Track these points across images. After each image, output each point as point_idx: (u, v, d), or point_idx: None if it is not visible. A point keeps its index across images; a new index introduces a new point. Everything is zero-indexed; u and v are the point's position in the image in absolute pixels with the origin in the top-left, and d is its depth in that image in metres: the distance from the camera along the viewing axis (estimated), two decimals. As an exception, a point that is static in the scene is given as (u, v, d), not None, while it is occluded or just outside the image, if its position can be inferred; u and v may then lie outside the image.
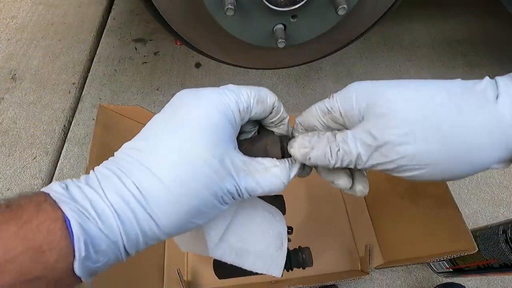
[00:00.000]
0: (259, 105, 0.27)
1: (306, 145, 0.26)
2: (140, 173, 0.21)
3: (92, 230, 0.19)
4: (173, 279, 0.61)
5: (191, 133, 0.22)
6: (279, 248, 0.33)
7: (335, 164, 0.25)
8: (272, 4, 0.47)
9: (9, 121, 0.87)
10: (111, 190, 0.20)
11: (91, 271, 0.20)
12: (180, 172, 0.21)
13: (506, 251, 0.47)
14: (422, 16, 1.15)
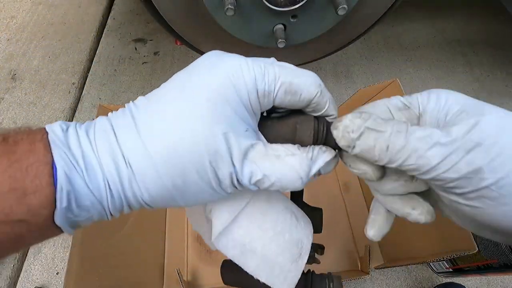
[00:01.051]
0: (287, 96, 0.21)
1: (354, 128, 0.20)
2: (130, 135, 0.19)
3: (78, 184, 0.18)
4: (173, 279, 0.61)
5: (192, 102, 0.20)
6: (295, 261, 0.26)
7: (390, 164, 0.19)
8: (272, 4, 0.47)
9: (9, 121, 0.87)
10: (104, 147, 0.19)
11: (73, 223, 0.19)
12: (168, 144, 0.19)
13: (506, 251, 0.47)
14: (422, 16, 1.15)
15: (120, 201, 0.20)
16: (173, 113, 0.20)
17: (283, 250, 0.26)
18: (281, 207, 0.27)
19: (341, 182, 0.75)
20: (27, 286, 0.64)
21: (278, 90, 0.21)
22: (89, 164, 0.18)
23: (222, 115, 0.19)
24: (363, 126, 0.20)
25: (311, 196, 0.73)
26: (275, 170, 0.21)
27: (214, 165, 0.20)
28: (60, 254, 0.67)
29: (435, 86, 1.01)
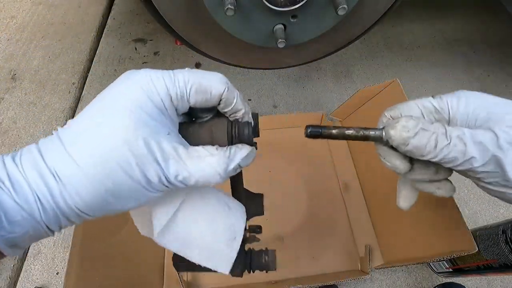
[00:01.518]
0: (198, 95, 0.24)
1: (410, 128, 0.24)
2: (56, 150, 0.21)
3: (5, 200, 0.19)
4: (173, 279, 0.61)
5: (111, 113, 0.21)
6: (230, 243, 0.30)
7: (432, 158, 0.24)
8: (272, 4, 0.47)
9: (9, 121, 0.87)
10: (29, 164, 0.20)
11: (8, 241, 0.19)
12: (93, 152, 0.20)
13: (506, 251, 0.47)
14: (422, 16, 1.16)
15: (54, 213, 0.20)
16: (94, 123, 0.21)
17: (218, 236, 0.30)
18: (214, 200, 0.31)
19: (341, 182, 0.75)
20: (27, 286, 0.64)
21: (190, 91, 0.23)
22: (15, 181, 0.19)
23: (140, 121, 0.21)
24: (418, 127, 0.24)
25: (312, 197, 0.74)
26: (197, 169, 0.23)
27: (141, 166, 0.21)
28: (60, 254, 0.67)
29: (435, 86, 1.02)
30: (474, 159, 0.23)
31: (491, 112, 0.25)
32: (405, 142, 0.24)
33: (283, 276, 0.63)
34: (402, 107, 0.28)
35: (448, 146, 0.23)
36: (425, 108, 0.27)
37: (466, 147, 0.23)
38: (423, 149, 0.24)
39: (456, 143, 0.23)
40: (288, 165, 0.77)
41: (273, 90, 0.96)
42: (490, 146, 0.23)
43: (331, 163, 0.78)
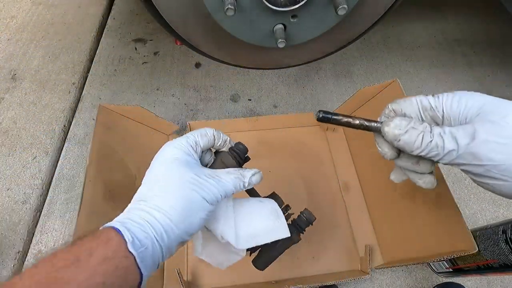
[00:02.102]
0: (203, 138, 0.38)
1: (401, 127, 0.29)
2: (156, 214, 0.31)
3: (133, 228, 0.29)
4: (173, 279, 0.61)
5: (170, 168, 0.34)
6: (277, 218, 0.42)
7: (420, 152, 0.28)
8: (272, 4, 0.47)
9: (9, 121, 0.87)
10: (137, 212, 0.31)
11: (140, 256, 0.27)
12: (172, 191, 0.32)
13: (506, 251, 0.47)
14: (422, 16, 1.16)
15: (161, 233, 0.30)
16: (163, 177, 0.34)
17: (269, 220, 0.42)
18: (249, 202, 0.43)
19: (341, 182, 0.75)
20: (27, 286, 0.64)
21: (198, 138, 0.38)
22: (136, 220, 0.30)
23: (187, 167, 0.34)
24: (409, 126, 0.29)
25: (312, 197, 0.74)
26: (224, 183, 0.35)
27: (203, 188, 0.33)
28: (60, 254, 0.67)
29: (435, 86, 1.01)
30: (451, 152, 0.27)
31: (480, 110, 0.27)
32: (396, 138, 0.29)
33: (283, 276, 0.63)
34: (403, 102, 0.32)
35: (430, 143, 0.27)
36: (423, 105, 0.31)
37: (444, 142, 0.27)
38: (411, 145, 0.28)
39: (437, 139, 0.27)
40: (288, 165, 0.77)
41: (273, 90, 0.96)
42: (466, 140, 0.26)
43: (331, 163, 0.78)
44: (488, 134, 0.26)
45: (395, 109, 0.32)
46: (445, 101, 0.30)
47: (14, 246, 0.68)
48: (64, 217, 0.72)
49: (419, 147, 0.28)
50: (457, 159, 0.27)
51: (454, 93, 0.30)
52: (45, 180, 0.77)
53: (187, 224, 0.32)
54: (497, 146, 0.25)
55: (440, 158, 0.28)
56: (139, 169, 0.66)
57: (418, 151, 0.28)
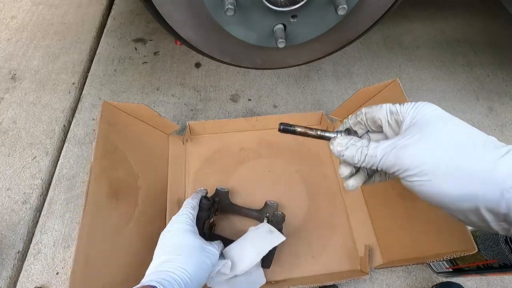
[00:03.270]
0: (194, 210, 0.55)
1: (343, 144, 0.34)
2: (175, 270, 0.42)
3: (165, 283, 0.39)
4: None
5: (185, 238, 0.48)
6: (270, 232, 0.58)
7: (361, 164, 0.33)
8: (272, 4, 0.47)
9: (9, 121, 0.87)
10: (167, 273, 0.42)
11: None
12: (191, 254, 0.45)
13: (506, 251, 0.47)
14: (422, 16, 1.16)
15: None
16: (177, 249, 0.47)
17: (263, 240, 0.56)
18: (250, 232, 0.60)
19: (341, 182, 0.75)
20: (27, 286, 0.64)
21: (193, 214, 0.55)
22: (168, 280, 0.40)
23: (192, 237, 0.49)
24: (349, 143, 0.34)
25: (312, 197, 0.74)
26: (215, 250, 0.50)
27: (206, 252, 0.49)
28: (60, 254, 0.67)
29: (435, 86, 1.01)
30: (382, 159, 0.31)
31: (422, 120, 0.32)
32: (340, 154, 0.35)
33: (283, 276, 0.63)
34: (374, 107, 0.37)
35: (366, 155, 0.33)
36: (390, 110, 0.35)
37: (376, 152, 0.32)
38: (353, 158, 0.33)
39: (371, 151, 0.32)
40: (288, 165, 0.77)
41: (273, 90, 0.96)
42: (390, 148, 0.31)
43: (331, 163, 0.78)
44: (409, 141, 0.30)
45: (367, 112, 0.37)
46: (407, 108, 0.34)
47: (14, 246, 0.68)
48: (64, 217, 0.72)
49: (359, 159, 0.33)
50: (387, 164, 0.31)
51: (416, 103, 0.34)
52: (45, 180, 0.77)
53: (198, 280, 0.43)
54: (416, 151, 0.29)
55: (376, 167, 0.32)
56: (141, 168, 0.66)
57: (359, 163, 0.33)
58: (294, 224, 0.69)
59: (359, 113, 0.38)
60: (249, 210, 0.67)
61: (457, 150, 0.28)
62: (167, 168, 0.74)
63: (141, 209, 0.63)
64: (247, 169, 0.77)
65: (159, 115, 0.71)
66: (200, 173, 0.76)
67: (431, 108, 0.32)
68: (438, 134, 0.29)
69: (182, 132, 0.82)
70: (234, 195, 0.72)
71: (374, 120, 0.37)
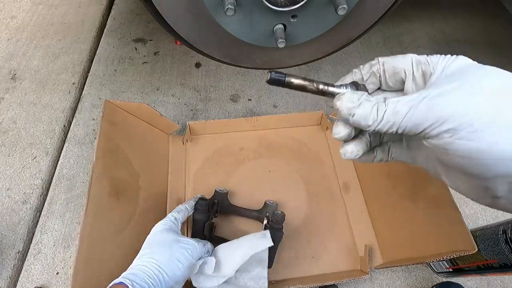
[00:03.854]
0: (180, 213, 0.56)
1: (354, 100, 0.26)
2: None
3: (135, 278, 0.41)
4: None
5: (159, 235, 0.50)
6: (262, 237, 0.54)
7: (377, 126, 0.25)
8: (272, 4, 0.47)
9: (9, 121, 0.87)
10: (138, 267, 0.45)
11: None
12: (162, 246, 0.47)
13: (506, 251, 0.47)
14: (422, 16, 1.16)
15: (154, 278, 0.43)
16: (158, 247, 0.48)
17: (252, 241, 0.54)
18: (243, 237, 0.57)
19: (341, 182, 0.75)
20: (27, 286, 0.64)
21: (178, 217, 0.57)
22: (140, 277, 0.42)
23: (171, 234, 0.51)
24: (362, 98, 0.26)
25: (311, 196, 0.74)
26: (194, 244, 0.51)
27: (180, 247, 0.50)
28: (60, 254, 0.67)
29: (435, 86, 1.01)
30: (408, 115, 0.24)
31: (457, 75, 0.26)
32: (351, 112, 0.26)
33: (283, 276, 0.63)
34: (397, 56, 0.29)
35: (385, 112, 0.25)
36: (417, 60, 0.28)
37: (399, 107, 0.24)
38: (367, 118, 0.25)
39: (391, 106, 0.25)
40: (288, 165, 0.77)
41: (273, 90, 0.96)
42: (418, 99, 0.24)
43: (331, 163, 0.78)
44: (444, 88, 0.23)
45: (385, 61, 0.29)
46: (437, 59, 0.27)
47: (14, 246, 0.68)
48: (64, 217, 0.72)
49: (375, 119, 0.25)
50: (414, 121, 0.24)
51: (447, 55, 0.28)
52: (45, 180, 0.77)
53: (173, 270, 0.44)
54: (457, 99, 0.23)
55: (397, 126, 0.24)
56: (141, 168, 0.66)
57: (375, 124, 0.25)
58: (294, 224, 0.69)
59: (375, 62, 0.30)
60: (249, 211, 0.67)
61: (507, 99, 0.22)
62: (168, 168, 0.75)
63: (142, 209, 0.63)
64: (247, 169, 0.77)
65: (160, 114, 0.71)
66: (200, 173, 0.76)
67: (466, 60, 0.27)
68: (480, 81, 0.24)
69: (182, 132, 0.82)
70: (234, 195, 0.72)
71: (394, 71, 0.29)
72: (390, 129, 0.25)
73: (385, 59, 0.29)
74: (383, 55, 0.30)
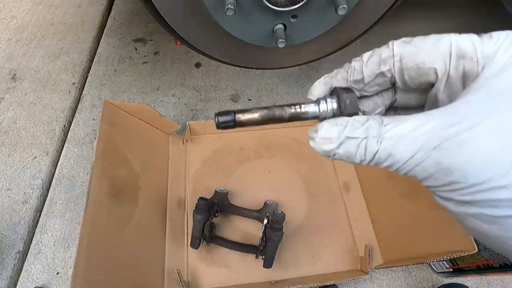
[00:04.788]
0: None
1: (333, 137, 0.19)
2: None
3: None
4: (173, 280, 0.61)
5: None
6: None
7: (368, 164, 0.19)
8: (272, 4, 0.47)
9: (9, 121, 0.87)
10: None
11: None
12: None
13: (506, 251, 0.47)
14: (422, 16, 1.15)
15: None
16: None
17: None
18: None
19: (341, 182, 0.75)
20: (27, 286, 0.64)
21: None
22: None
23: None
24: (343, 135, 0.19)
25: (311, 196, 0.74)
26: None
27: None
28: (60, 254, 0.67)
29: (435, 86, 1.01)
30: (409, 164, 0.17)
31: None
32: (329, 154, 0.19)
33: (283, 276, 0.63)
34: (422, 41, 0.20)
35: (378, 152, 0.18)
36: (459, 51, 0.19)
37: (397, 148, 0.17)
38: (353, 157, 0.19)
39: (387, 145, 0.17)
40: (288, 165, 0.77)
41: (273, 90, 0.95)
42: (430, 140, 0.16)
43: (331, 163, 0.78)
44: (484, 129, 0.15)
45: (404, 54, 0.20)
46: (497, 44, 0.17)
47: (14, 246, 0.68)
48: (64, 217, 0.72)
49: (363, 159, 0.18)
50: (413, 171, 0.17)
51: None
52: (45, 180, 0.77)
53: None
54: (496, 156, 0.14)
55: (395, 170, 0.18)
56: (141, 168, 0.66)
57: (364, 163, 0.19)
58: (294, 224, 0.69)
59: (386, 55, 0.21)
60: (249, 211, 0.67)
61: None
62: (167, 168, 0.74)
63: (142, 209, 0.63)
64: (247, 169, 0.77)
65: (160, 114, 0.71)
66: (200, 173, 0.76)
67: None
68: None
69: (182, 132, 0.82)
70: (234, 195, 0.72)
71: (419, 72, 0.20)
72: (390, 169, 0.18)
73: (404, 51, 0.21)
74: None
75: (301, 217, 0.70)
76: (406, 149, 0.16)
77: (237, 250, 0.64)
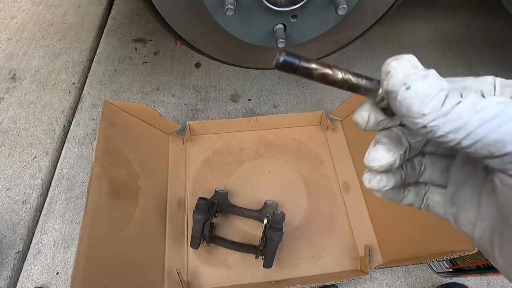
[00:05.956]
0: None
1: (418, 65, 0.16)
2: None
3: None
4: (173, 280, 0.61)
5: None
6: None
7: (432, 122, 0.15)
8: (272, 4, 0.47)
9: (9, 121, 0.87)
10: None
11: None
12: None
13: (506, 251, 0.47)
14: (422, 16, 1.15)
15: None
16: None
17: None
18: None
19: (341, 182, 0.75)
20: (27, 286, 0.64)
21: None
22: None
23: None
24: (431, 72, 0.16)
25: (312, 196, 0.74)
26: None
27: None
28: (60, 254, 0.67)
29: (435, 86, 1.01)
30: (491, 126, 0.14)
31: None
32: (407, 80, 0.16)
33: (282, 276, 0.63)
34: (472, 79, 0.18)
35: (460, 105, 0.15)
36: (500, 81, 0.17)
37: (480, 105, 0.15)
38: (427, 100, 0.15)
39: (470, 100, 0.15)
40: (288, 165, 0.77)
41: (273, 90, 0.95)
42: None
43: (331, 163, 0.78)
44: None
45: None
46: None
47: (14, 246, 0.68)
48: (64, 217, 0.72)
49: (437, 108, 0.15)
50: (501, 139, 0.14)
51: None
52: (45, 180, 0.77)
53: None
54: None
55: (467, 135, 0.15)
56: (141, 168, 0.66)
57: (432, 116, 0.15)
58: (294, 224, 0.69)
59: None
60: (249, 211, 0.67)
61: None
62: (167, 168, 0.74)
63: (142, 209, 0.63)
64: (247, 169, 0.77)
65: (160, 114, 0.71)
66: (200, 173, 0.76)
67: None
68: None
69: (182, 132, 0.82)
70: (234, 195, 0.72)
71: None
72: (452, 135, 0.15)
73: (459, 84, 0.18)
74: (383, 55, 0.27)
75: (301, 217, 0.70)
76: (492, 108, 0.14)
77: (237, 250, 0.64)
